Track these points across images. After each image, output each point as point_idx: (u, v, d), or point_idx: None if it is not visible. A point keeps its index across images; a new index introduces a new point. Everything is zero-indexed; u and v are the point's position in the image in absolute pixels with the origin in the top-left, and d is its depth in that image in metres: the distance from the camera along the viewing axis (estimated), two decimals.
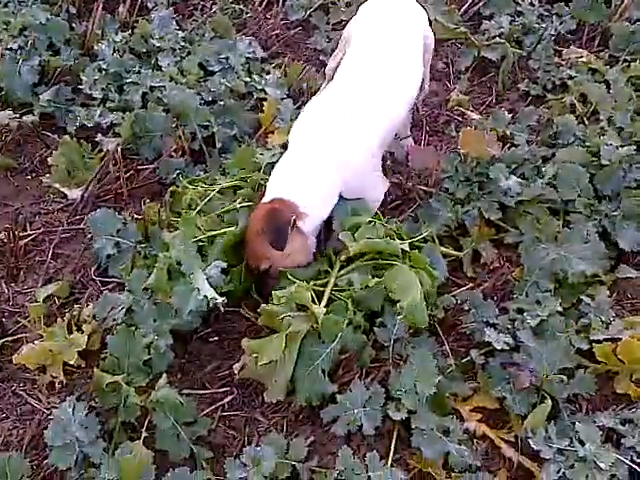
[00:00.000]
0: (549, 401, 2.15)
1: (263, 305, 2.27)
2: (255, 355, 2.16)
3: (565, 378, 2.19)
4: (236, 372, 2.26)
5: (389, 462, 2.08)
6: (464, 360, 2.31)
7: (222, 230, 2.43)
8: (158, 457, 2.06)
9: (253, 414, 2.25)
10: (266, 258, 2.35)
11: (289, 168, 2.42)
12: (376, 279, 2.26)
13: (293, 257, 2.37)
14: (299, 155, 2.43)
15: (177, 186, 2.74)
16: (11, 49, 3.27)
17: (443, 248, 2.57)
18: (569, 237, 2.57)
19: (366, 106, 2.45)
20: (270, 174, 2.46)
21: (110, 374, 2.13)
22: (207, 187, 2.67)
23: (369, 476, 2.02)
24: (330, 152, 2.38)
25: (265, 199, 2.39)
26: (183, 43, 3.44)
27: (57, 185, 2.92)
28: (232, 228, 2.42)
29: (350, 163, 2.40)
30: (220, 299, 2.22)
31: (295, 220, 2.30)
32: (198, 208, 2.55)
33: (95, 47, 3.37)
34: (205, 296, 2.20)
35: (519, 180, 2.75)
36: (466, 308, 2.42)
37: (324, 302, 2.24)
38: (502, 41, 3.59)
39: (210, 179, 2.77)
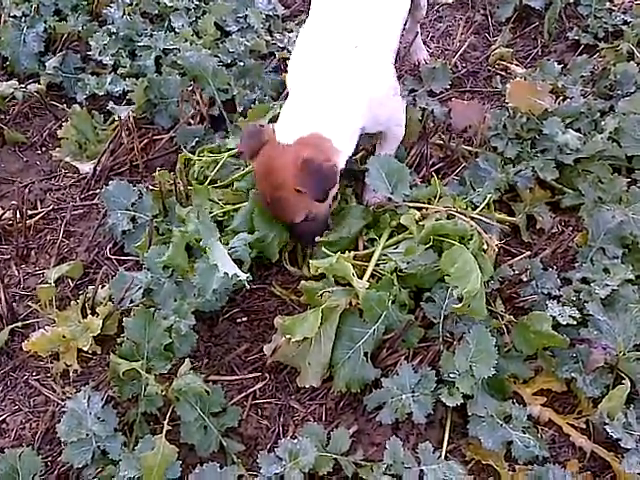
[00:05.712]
0: (627, 382, 1.89)
1: (304, 282, 2.07)
2: (289, 336, 1.93)
3: None
4: (267, 354, 2.06)
5: (443, 454, 1.89)
6: None
7: (239, 205, 2.26)
8: (183, 452, 1.89)
9: (288, 402, 2.06)
10: (306, 210, 2.11)
11: (312, 102, 2.14)
12: (422, 247, 2.01)
13: (329, 200, 2.16)
14: (320, 88, 2.15)
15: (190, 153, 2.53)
16: (15, 16, 3.08)
17: (496, 214, 2.31)
18: (636, 197, 2.36)
19: (372, 25, 2.25)
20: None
21: (128, 361, 1.96)
22: (213, 156, 2.45)
23: (422, 470, 1.82)
24: (356, 81, 2.16)
25: (286, 136, 2.08)
26: (197, 2, 3.19)
27: (68, 159, 2.75)
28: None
29: (377, 88, 2.21)
30: (244, 276, 2.00)
31: (337, 166, 2.09)
32: (209, 178, 2.38)
33: (104, 11, 3.17)
34: (225, 273, 1.97)
35: (577, 135, 2.47)
36: (524, 279, 2.16)
37: (367, 276, 2.00)
38: None
39: (222, 145, 2.53)
